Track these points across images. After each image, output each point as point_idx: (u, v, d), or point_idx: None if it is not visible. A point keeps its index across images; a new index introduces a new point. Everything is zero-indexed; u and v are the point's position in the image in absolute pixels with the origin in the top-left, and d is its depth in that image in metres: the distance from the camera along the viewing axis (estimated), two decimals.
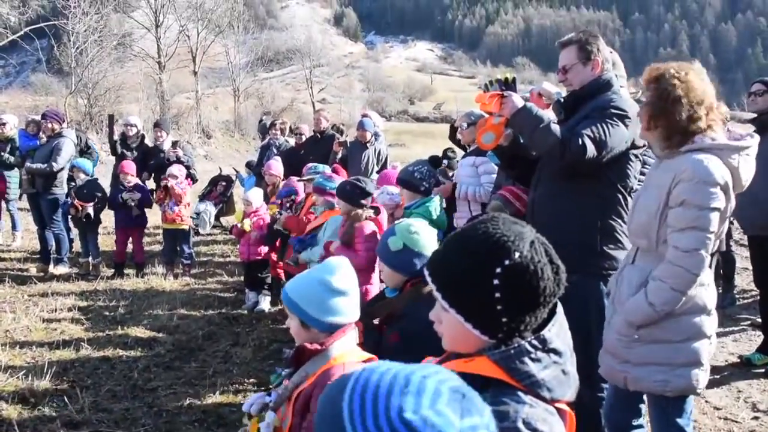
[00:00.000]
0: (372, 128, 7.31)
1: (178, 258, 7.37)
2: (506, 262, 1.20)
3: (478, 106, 3.18)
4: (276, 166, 7.00)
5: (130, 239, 7.35)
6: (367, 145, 7.20)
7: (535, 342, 1.22)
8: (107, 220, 7.82)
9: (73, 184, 7.38)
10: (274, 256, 6.28)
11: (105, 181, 8.15)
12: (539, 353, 1.22)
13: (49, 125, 7.37)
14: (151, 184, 8.13)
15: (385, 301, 2.59)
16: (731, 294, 6.05)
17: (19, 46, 28.07)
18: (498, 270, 1.20)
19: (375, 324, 2.46)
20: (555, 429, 1.19)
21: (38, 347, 4.91)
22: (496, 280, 1.20)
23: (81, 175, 7.22)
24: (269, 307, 6.08)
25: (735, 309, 5.94)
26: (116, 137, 8.16)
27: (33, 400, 3.99)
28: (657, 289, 2.40)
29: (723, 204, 2.38)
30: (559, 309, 1.30)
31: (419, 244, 2.48)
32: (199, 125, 26.64)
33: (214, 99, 36.15)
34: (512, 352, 1.21)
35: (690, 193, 2.36)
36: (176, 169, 7.16)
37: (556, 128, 2.81)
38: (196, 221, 8.89)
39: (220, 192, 9.84)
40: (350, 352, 1.95)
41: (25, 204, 8.62)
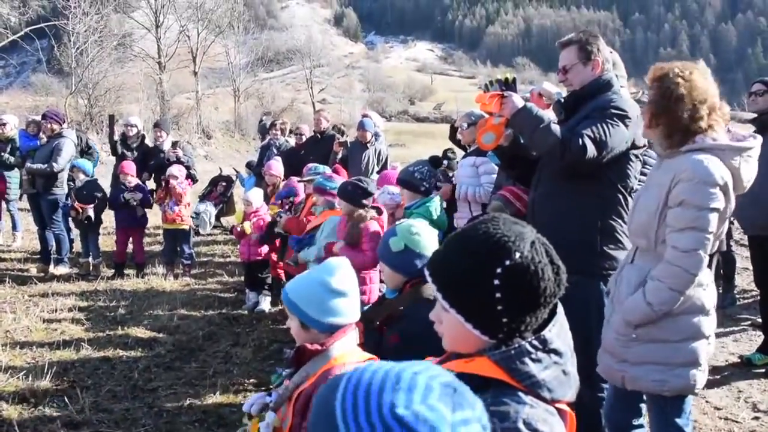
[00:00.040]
0: (372, 128, 7.31)
1: (178, 258, 7.37)
2: (507, 262, 1.20)
3: (479, 106, 3.18)
4: (276, 167, 7.01)
5: (131, 239, 7.36)
6: (368, 145, 7.20)
7: (535, 342, 1.22)
8: (107, 220, 7.81)
9: (72, 184, 7.38)
10: (274, 256, 6.29)
11: (105, 182, 8.15)
12: (540, 354, 1.22)
13: (50, 125, 7.37)
14: (151, 185, 8.12)
15: (385, 303, 2.60)
16: (731, 294, 6.05)
17: (20, 46, 28.04)
18: (498, 270, 1.20)
19: (375, 325, 2.47)
20: (555, 429, 1.19)
21: (38, 347, 4.91)
22: (496, 281, 1.20)
23: (81, 175, 7.22)
24: (269, 307, 6.08)
25: (735, 309, 5.93)
26: (116, 137, 8.15)
27: (33, 400, 4.00)
28: (655, 288, 2.40)
29: (722, 204, 2.38)
30: (560, 309, 1.30)
31: (420, 245, 2.48)
32: (200, 125, 26.62)
33: (214, 99, 36.12)
34: (513, 352, 1.21)
35: (689, 194, 2.35)
36: (176, 170, 7.16)
37: (556, 128, 2.81)
38: (197, 221, 8.89)
39: (220, 192, 9.84)
40: (351, 353, 1.95)
41: (25, 204, 8.63)
